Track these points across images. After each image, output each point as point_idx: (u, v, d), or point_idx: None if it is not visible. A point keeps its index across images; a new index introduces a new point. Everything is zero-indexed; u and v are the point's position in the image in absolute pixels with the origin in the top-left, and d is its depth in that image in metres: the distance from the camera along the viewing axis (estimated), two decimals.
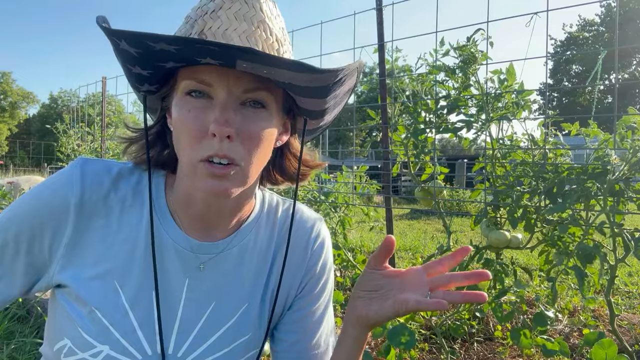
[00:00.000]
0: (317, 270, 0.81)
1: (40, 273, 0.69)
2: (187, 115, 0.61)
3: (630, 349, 1.91)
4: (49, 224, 0.66)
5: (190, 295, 0.71)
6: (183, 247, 0.70)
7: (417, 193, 2.62)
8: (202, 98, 0.61)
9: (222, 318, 0.73)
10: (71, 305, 0.67)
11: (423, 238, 6.60)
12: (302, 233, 0.80)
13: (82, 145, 6.48)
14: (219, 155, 0.60)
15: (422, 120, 2.47)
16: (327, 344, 0.82)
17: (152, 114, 0.76)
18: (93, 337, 0.65)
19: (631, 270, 4.46)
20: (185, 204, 0.70)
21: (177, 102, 0.63)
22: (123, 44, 0.56)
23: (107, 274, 0.67)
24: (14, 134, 42.59)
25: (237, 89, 0.61)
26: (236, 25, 0.60)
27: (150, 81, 0.65)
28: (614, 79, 9.60)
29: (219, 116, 0.59)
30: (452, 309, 2.44)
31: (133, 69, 0.62)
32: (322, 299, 0.82)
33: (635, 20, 31.25)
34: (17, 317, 2.88)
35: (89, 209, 0.67)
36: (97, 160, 0.71)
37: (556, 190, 1.89)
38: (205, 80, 0.60)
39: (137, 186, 0.71)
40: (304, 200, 3.53)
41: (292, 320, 0.80)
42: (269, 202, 0.81)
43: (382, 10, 2.56)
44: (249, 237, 0.76)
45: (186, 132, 0.61)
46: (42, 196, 0.67)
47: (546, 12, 2.03)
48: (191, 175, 0.62)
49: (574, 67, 36.96)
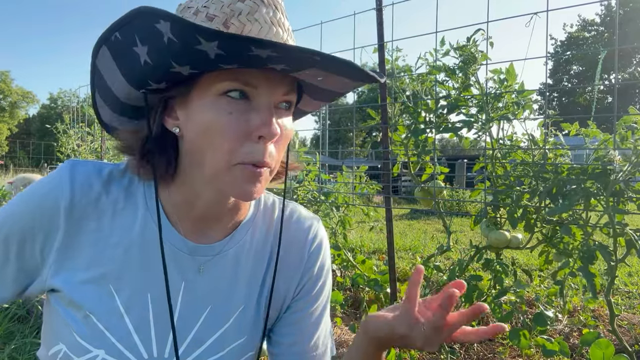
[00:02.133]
0: (314, 272, 0.80)
1: (32, 277, 0.68)
2: (229, 117, 0.58)
3: (630, 349, 1.91)
4: (39, 228, 0.65)
5: (186, 298, 0.70)
6: (179, 249, 0.69)
7: (417, 193, 2.63)
8: (242, 99, 0.59)
9: (218, 321, 0.72)
10: (65, 309, 0.66)
11: (423, 238, 6.60)
12: (299, 234, 0.80)
13: (82, 145, 6.48)
14: (266, 159, 0.60)
15: (422, 120, 2.47)
16: (325, 346, 0.81)
17: (134, 113, 0.70)
18: (88, 342, 0.65)
19: (631, 270, 4.46)
20: (186, 207, 0.69)
21: (209, 103, 0.59)
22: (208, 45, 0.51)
23: (101, 278, 0.66)
24: (14, 134, 42.60)
25: (279, 90, 0.61)
26: (274, 30, 0.60)
27: (175, 78, 0.60)
28: (613, 79, 9.57)
29: (267, 119, 0.58)
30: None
31: (176, 68, 0.56)
32: (320, 301, 0.81)
33: (635, 20, 31.24)
34: (17, 317, 2.88)
35: (80, 212, 0.65)
36: (87, 161, 0.69)
37: (556, 191, 1.89)
38: (252, 82, 0.59)
39: (129, 188, 0.69)
40: (304, 201, 3.53)
41: (289, 322, 0.79)
42: (264, 202, 0.80)
43: (382, 11, 2.56)
44: (245, 238, 0.75)
45: (225, 135, 0.59)
46: (31, 200, 0.66)
47: (546, 12, 2.03)
48: (220, 179, 0.61)
49: (574, 67, 36.97)
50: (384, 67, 2.60)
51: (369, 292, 3.24)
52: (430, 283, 2.67)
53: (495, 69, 2.20)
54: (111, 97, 0.67)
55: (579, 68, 36.33)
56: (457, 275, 2.19)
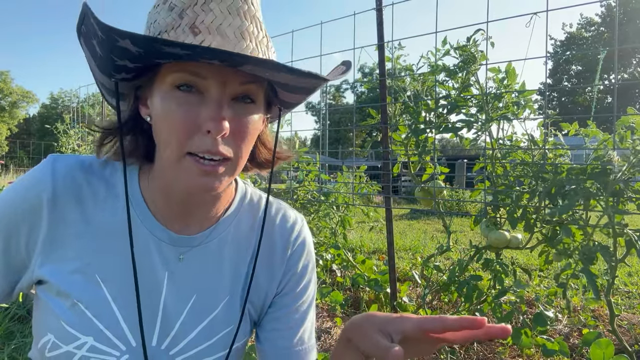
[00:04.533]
0: (298, 270, 0.81)
1: (20, 273, 0.69)
2: (177, 110, 0.59)
3: (630, 349, 1.91)
4: (23, 222, 0.66)
5: (171, 287, 0.71)
6: (161, 239, 0.70)
7: (417, 193, 2.63)
8: (192, 92, 0.59)
9: (204, 310, 0.73)
10: (53, 299, 0.67)
11: (423, 238, 6.60)
12: (283, 232, 0.81)
13: (82, 145, 6.48)
14: (212, 152, 0.59)
15: (422, 120, 2.47)
16: (310, 341, 0.83)
17: (111, 99, 0.72)
18: (76, 329, 0.65)
19: (631, 270, 4.46)
20: (164, 196, 0.70)
21: (164, 94, 0.60)
22: (126, 42, 0.53)
23: (87, 268, 0.67)
24: (14, 134, 42.59)
25: (232, 83, 0.60)
26: (230, 19, 0.59)
27: (127, 70, 0.61)
28: (613, 78, 9.56)
29: (215, 114, 0.58)
30: (452, 309, 2.44)
31: (119, 62, 0.58)
32: (305, 298, 0.82)
33: (635, 20, 31.24)
34: (17, 317, 2.88)
35: (62, 204, 0.66)
36: (68, 155, 0.71)
37: (555, 191, 1.89)
38: (201, 73, 0.58)
39: (111, 179, 0.70)
40: (304, 201, 3.53)
41: (274, 318, 0.80)
42: (250, 197, 0.81)
43: (382, 11, 2.56)
44: (228, 230, 0.76)
45: (174, 127, 0.59)
46: (15, 196, 0.67)
47: (546, 12, 2.03)
48: (175, 169, 0.61)
49: (573, 67, 36.97)
50: (384, 67, 2.60)
51: (369, 292, 3.24)
52: (430, 283, 2.67)
53: (494, 68, 2.20)
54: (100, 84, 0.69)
55: (578, 68, 36.34)
56: (457, 275, 2.19)
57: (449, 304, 2.99)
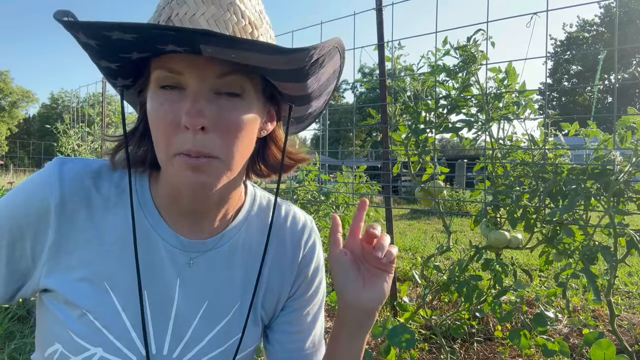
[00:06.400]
0: (309, 273, 0.80)
1: (24, 279, 0.67)
2: (160, 108, 0.58)
3: (630, 349, 1.91)
4: (28, 227, 0.64)
5: (183, 294, 0.70)
6: (173, 245, 0.69)
7: (417, 193, 2.63)
8: (174, 90, 0.59)
9: (216, 317, 0.72)
10: (60, 309, 0.65)
11: (423, 238, 6.60)
12: (293, 235, 0.80)
13: (82, 145, 6.48)
14: (194, 150, 0.58)
15: (422, 120, 2.47)
16: (320, 342, 0.83)
17: (135, 109, 0.74)
18: (85, 340, 0.63)
19: (631, 270, 4.46)
20: (171, 200, 0.69)
21: (151, 95, 0.60)
22: (82, 36, 0.53)
23: (95, 276, 0.65)
24: (14, 134, 42.60)
25: (210, 75, 0.58)
26: (204, 9, 0.58)
27: (122, 75, 0.62)
28: (613, 78, 9.61)
29: (190, 107, 0.57)
30: (452, 309, 2.44)
31: (100, 63, 0.59)
32: (316, 300, 0.82)
33: (635, 21, 31.24)
34: (17, 317, 2.88)
35: (71, 210, 0.64)
36: (76, 159, 0.69)
37: (556, 191, 1.89)
38: (175, 68, 0.58)
39: (121, 184, 0.69)
40: (304, 201, 3.53)
41: (286, 321, 0.80)
42: (260, 200, 0.80)
43: (382, 11, 2.56)
44: (239, 235, 0.75)
45: (159, 126, 0.59)
46: (20, 199, 0.65)
47: (546, 12, 2.03)
48: (168, 170, 0.61)
49: (573, 67, 36.97)
50: (384, 67, 2.60)
51: None
52: (430, 283, 2.67)
53: (494, 68, 2.20)
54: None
55: (578, 68, 36.33)
56: (457, 275, 2.19)
57: (449, 304, 2.99)
